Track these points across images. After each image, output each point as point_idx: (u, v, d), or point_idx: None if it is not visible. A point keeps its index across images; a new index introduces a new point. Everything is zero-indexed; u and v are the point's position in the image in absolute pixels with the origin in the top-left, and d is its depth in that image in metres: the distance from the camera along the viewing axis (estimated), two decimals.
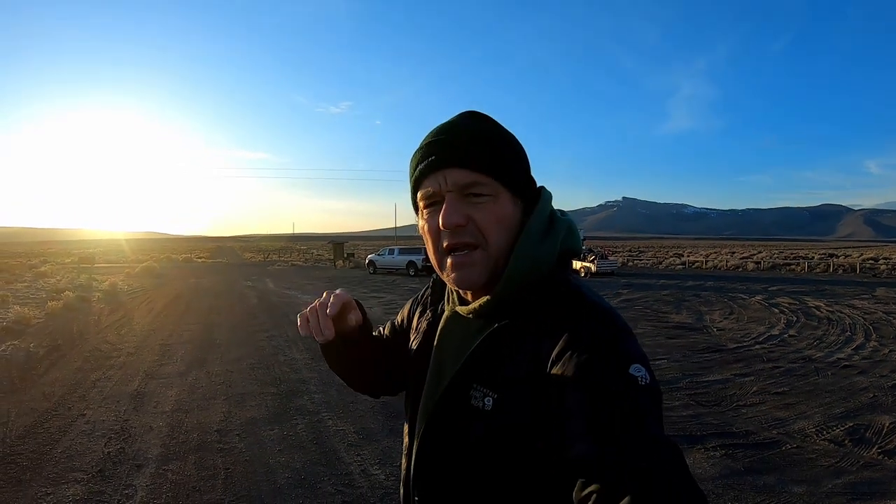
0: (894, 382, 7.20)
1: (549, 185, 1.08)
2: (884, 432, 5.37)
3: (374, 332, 1.34)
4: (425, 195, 1.00)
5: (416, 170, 1.01)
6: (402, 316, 1.35)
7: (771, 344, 10.01)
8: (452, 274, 0.99)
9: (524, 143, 1.06)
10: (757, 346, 9.77)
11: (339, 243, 48.31)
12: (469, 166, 0.96)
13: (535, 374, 0.88)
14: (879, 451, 4.94)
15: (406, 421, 1.17)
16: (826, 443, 5.16)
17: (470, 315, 1.04)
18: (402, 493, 1.13)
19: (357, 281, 26.74)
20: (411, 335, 1.24)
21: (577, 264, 29.83)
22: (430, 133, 1.02)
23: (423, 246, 1.07)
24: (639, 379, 0.80)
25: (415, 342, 1.20)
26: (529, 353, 0.90)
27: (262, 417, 6.01)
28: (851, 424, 5.61)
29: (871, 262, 36.67)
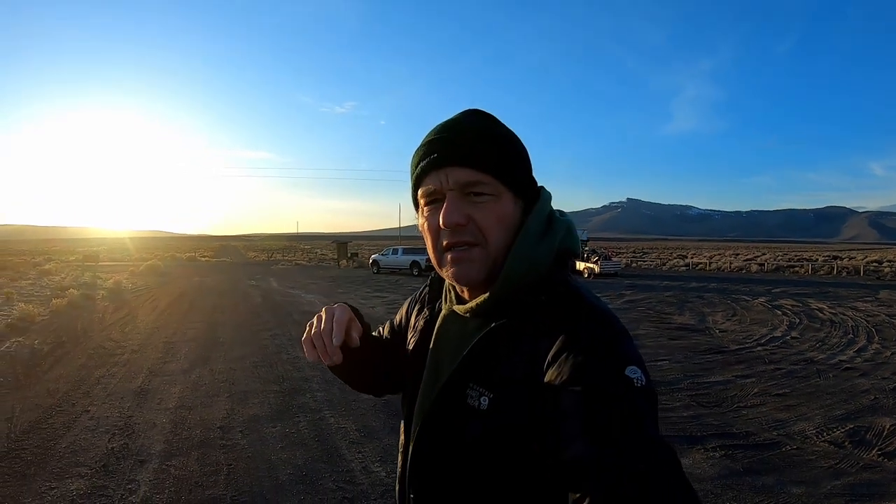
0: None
1: (552, 186, 1.07)
2: (884, 434, 5.37)
3: (373, 333, 1.34)
4: (426, 193, 1.00)
5: (418, 167, 1.00)
6: (400, 315, 1.35)
7: (773, 346, 10.00)
8: (451, 269, 0.98)
9: (528, 143, 1.04)
10: (759, 348, 9.77)
11: (342, 243, 48.36)
12: (471, 165, 0.95)
13: (531, 374, 0.87)
14: (879, 452, 4.95)
15: (402, 418, 1.17)
16: (826, 444, 5.16)
17: (467, 314, 1.03)
18: (398, 490, 1.13)
19: (361, 281, 26.76)
20: (409, 334, 1.24)
21: (580, 265, 29.83)
22: (432, 130, 1.01)
23: (426, 246, 1.07)
24: (634, 381, 0.80)
25: (412, 340, 1.19)
26: (526, 353, 0.90)
27: (265, 415, 6.05)
28: (852, 426, 5.61)
29: (874, 264, 36.55)
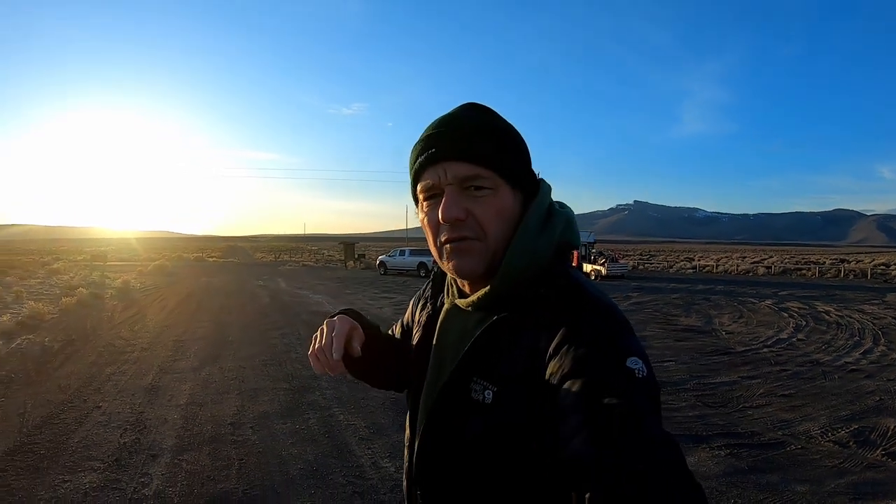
0: None
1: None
2: (888, 435, 5.40)
3: (388, 332, 1.39)
4: (425, 188, 1.00)
5: (416, 162, 1.00)
6: (408, 315, 1.36)
7: (779, 347, 10.01)
8: (452, 262, 0.99)
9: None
10: (765, 350, 9.78)
11: (349, 244, 48.25)
12: (469, 159, 0.95)
13: (532, 367, 0.88)
14: (884, 452, 4.98)
15: (408, 413, 1.18)
16: (831, 444, 5.19)
17: (469, 308, 1.04)
18: (406, 485, 1.14)
19: (368, 282, 26.80)
20: (413, 330, 1.25)
21: (587, 267, 29.84)
22: (430, 125, 1.01)
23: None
24: (636, 371, 0.80)
25: (416, 336, 1.21)
26: (528, 346, 0.90)
27: (275, 412, 6.11)
28: (856, 426, 5.64)
29: (882, 267, 36.42)
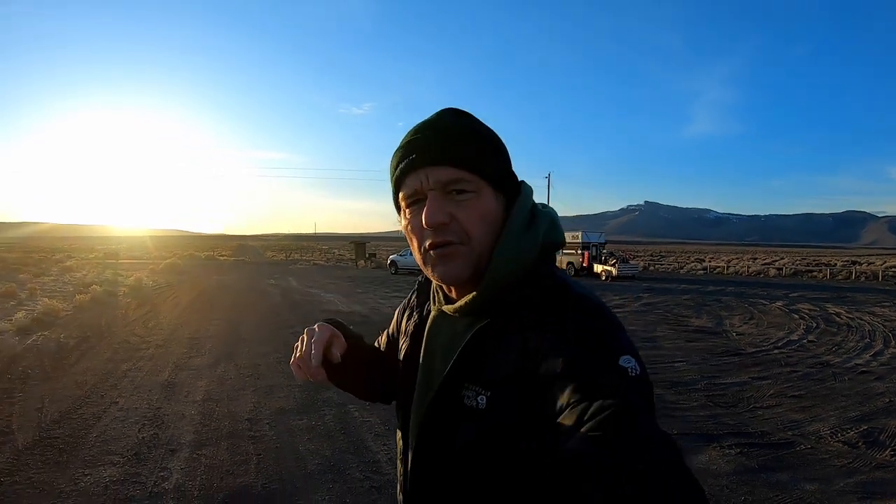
0: None
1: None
2: None
3: (372, 344, 1.37)
4: (407, 195, 0.99)
5: (397, 169, 1.00)
6: (393, 325, 1.34)
7: (790, 349, 10.03)
8: (437, 269, 0.97)
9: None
10: (776, 351, 9.81)
11: (360, 243, 48.26)
12: (451, 163, 0.95)
13: (522, 369, 0.86)
14: (892, 453, 5.01)
15: (398, 425, 1.15)
16: (840, 444, 5.23)
17: (456, 313, 1.02)
18: (401, 500, 1.10)
19: (379, 281, 26.80)
20: (400, 339, 1.22)
21: (598, 268, 29.81)
22: (409, 132, 1.01)
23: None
24: (629, 370, 0.79)
25: (403, 345, 1.18)
26: (517, 348, 0.89)
27: (291, 408, 6.20)
28: (866, 427, 5.67)
29: (893, 269, 36.11)
